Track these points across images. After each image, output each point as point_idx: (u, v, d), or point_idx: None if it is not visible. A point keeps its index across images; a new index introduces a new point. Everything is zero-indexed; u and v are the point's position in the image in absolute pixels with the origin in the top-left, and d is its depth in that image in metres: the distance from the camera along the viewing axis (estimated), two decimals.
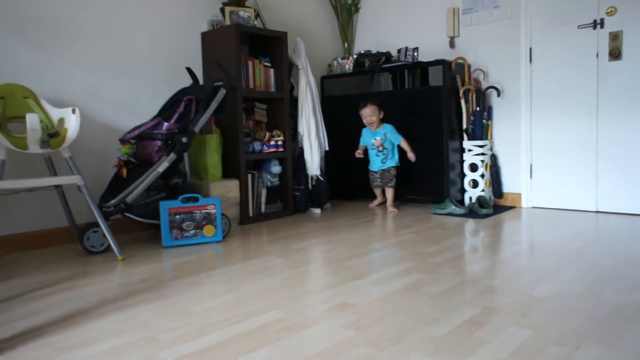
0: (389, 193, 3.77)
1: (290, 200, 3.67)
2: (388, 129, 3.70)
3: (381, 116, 3.73)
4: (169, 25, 3.36)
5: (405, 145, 3.67)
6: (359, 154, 3.81)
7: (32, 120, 2.32)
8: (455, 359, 1.30)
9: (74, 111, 2.51)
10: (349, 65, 4.25)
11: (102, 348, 1.43)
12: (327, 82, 4.33)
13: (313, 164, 3.73)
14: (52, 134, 2.40)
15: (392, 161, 3.73)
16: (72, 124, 2.50)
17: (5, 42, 2.64)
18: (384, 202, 3.91)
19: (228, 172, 3.38)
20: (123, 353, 1.39)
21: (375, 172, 3.79)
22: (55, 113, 2.56)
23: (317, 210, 3.78)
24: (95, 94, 3.00)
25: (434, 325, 1.52)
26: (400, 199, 3.94)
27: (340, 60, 4.33)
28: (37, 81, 2.74)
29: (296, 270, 2.18)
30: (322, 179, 3.80)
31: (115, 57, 3.09)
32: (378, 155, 3.76)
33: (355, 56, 4.20)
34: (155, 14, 3.28)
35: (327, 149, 3.93)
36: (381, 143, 3.71)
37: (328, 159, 4.14)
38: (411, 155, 3.65)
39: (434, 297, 1.78)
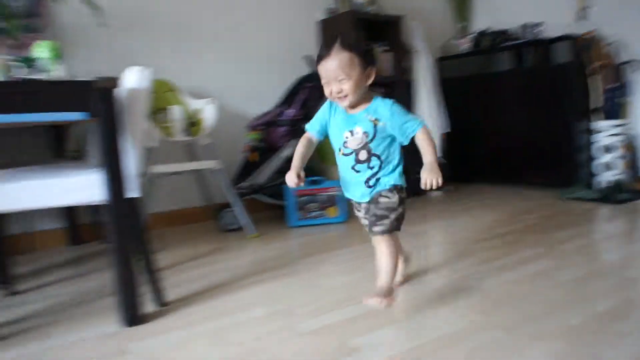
0: (384, 251, 1.56)
1: (410, 182, 3.66)
2: (383, 107, 1.59)
3: (370, 80, 1.57)
4: (286, 17, 3.52)
5: (426, 143, 1.54)
6: (296, 181, 1.57)
7: (175, 111, 2.60)
8: (596, 350, 1.26)
9: (210, 102, 2.76)
10: (466, 45, 4.12)
11: (246, 316, 1.60)
12: (444, 64, 4.23)
13: None
14: (193, 123, 2.67)
15: (391, 178, 1.62)
16: (209, 113, 2.75)
17: (156, 45, 2.98)
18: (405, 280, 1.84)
19: None
20: (266, 322, 1.55)
21: (358, 203, 1.71)
22: (194, 104, 2.83)
23: (437, 193, 3.75)
24: (225, 85, 3.26)
25: (567, 313, 1.48)
26: (524, 183, 3.74)
27: (457, 40, 4.21)
28: (178, 77, 3.03)
29: (417, 254, 2.20)
30: (443, 160, 3.75)
31: (242, 53, 3.33)
32: (358, 170, 1.59)
33: (472, 35, 4.06)
34: (273, 7, 3.46)
35: (448, 130, 3.86)
36: (365, 142, 1.55)
37: (449, 140, 4.03)
38: (429, 178, 1.49)
39: (565, 284, 1.72)
